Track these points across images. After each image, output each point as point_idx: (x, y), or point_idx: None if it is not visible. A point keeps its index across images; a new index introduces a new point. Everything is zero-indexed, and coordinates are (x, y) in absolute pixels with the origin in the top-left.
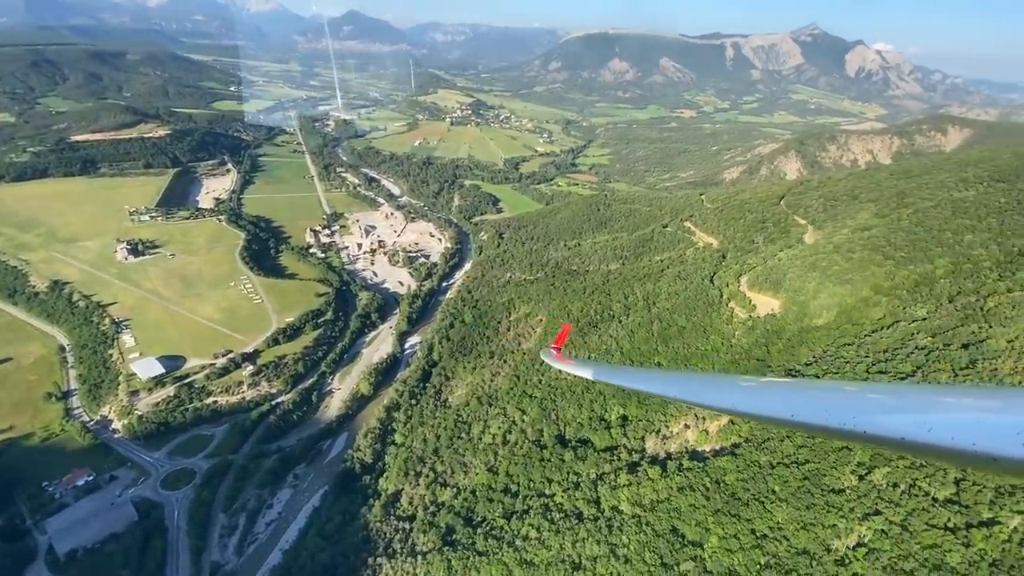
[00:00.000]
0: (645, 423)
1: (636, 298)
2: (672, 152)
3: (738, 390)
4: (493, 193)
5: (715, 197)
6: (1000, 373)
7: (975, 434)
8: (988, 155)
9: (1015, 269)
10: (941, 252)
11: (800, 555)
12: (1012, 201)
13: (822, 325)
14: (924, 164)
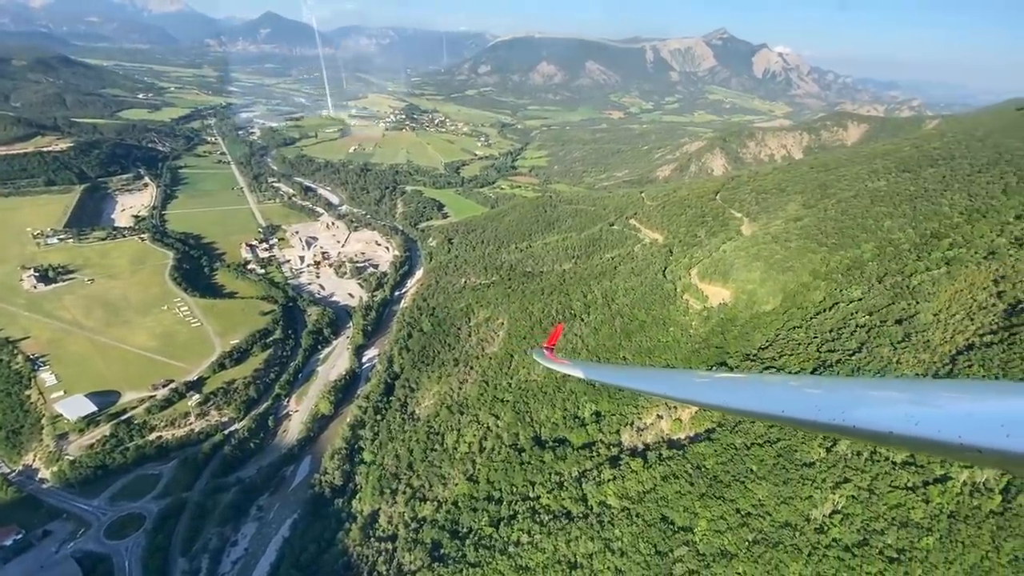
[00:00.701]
0: (619, 417)
1: (595, 296)
2: (606, 152)
3: (728, 387)
4: (437, 198)
5: (655, 195)
6: (933, 343)
7: (961, 427)
8: (892, 148)
9: (930, 250)
10: (866, 237)
11: (783, 528)
12: (920, 189)
13: (770, 311)
14: (839, 158)
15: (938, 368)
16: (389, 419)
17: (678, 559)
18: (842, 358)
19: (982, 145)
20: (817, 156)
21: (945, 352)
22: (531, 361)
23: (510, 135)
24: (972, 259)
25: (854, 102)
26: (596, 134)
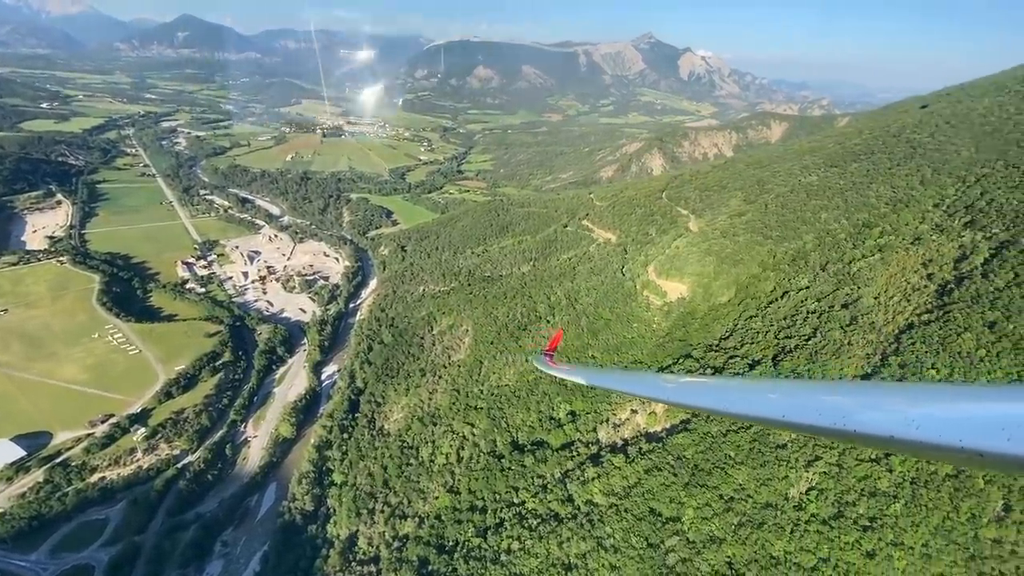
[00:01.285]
0: (594, 415)
1: (558, 297)
2: (550, 154)
3: (728, 392)
4: (384, 205)
5: (603, 195)
6: (877, 324)
7: (961, 430)
8: (818, 145)
9: (864, 239)
10: (806, 229)
11: (765, 508)
12: (848, 183)
13: (726, 302)
14: (771, 155)
15: (885, 347)
16: (357, 437)
17: (670, 549)
18: (799, 343)
19: (897, 140)
20: (751, 154)
21: (889, 332)
22: (529, 366)
23: (453, 139)
24: (901, 245)
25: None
26: (538, 136)
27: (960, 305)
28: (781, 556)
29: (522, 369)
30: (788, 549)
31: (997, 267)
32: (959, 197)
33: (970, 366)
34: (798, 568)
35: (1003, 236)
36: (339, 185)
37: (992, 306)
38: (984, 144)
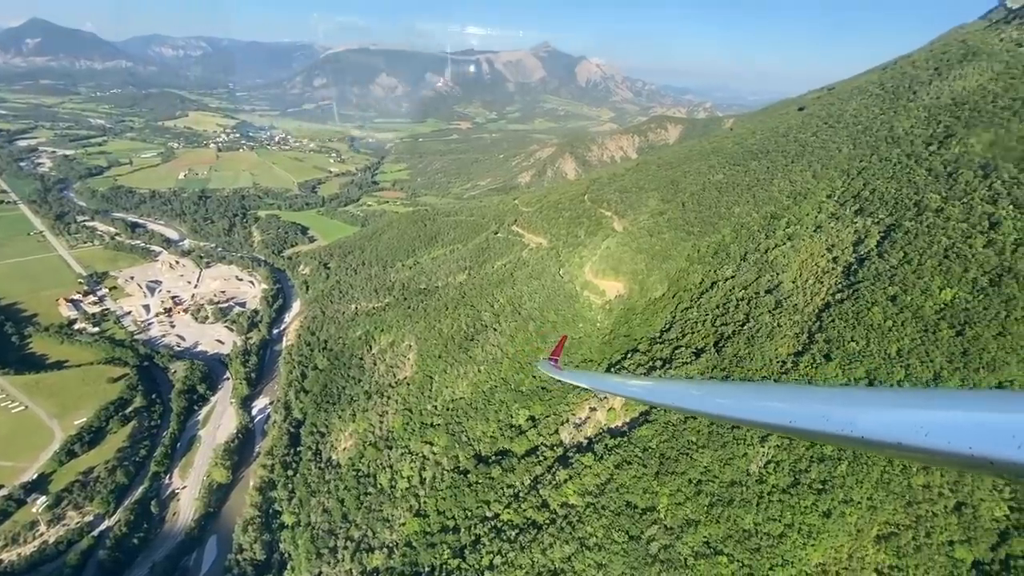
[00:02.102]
0: (554, 417)
1: (502, 304)
2: (466, 162)
3: (732, 397)
4: (298, 221)
5: (528, 201)
6: (800, 306)
7: (971, 437)
8: (719, 146)
9: (774, 229)
10: (723, 223)
11: (732, 486)
12: (752, 179)
13: (661, 297)
14: (679, 156)
15: (810, 326)
16: (304, 472)
17: (651, 539)
18: (735, 329)
19: (787, 140)
20: (660, 156)
21: (811, 312)
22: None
23: (363, 150)
24: (806, 233)
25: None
26: (450, 144)
27: (865, 283)
28: (752, 528)
29: (475, 380)
30: (757, 521)
31: (888, 248)
32: (846, 189)
33: (881, 336)
34: (768, 536)
35: (888, 221)
36: (244, 202)
37: (891, 282)
38: (859, 141)
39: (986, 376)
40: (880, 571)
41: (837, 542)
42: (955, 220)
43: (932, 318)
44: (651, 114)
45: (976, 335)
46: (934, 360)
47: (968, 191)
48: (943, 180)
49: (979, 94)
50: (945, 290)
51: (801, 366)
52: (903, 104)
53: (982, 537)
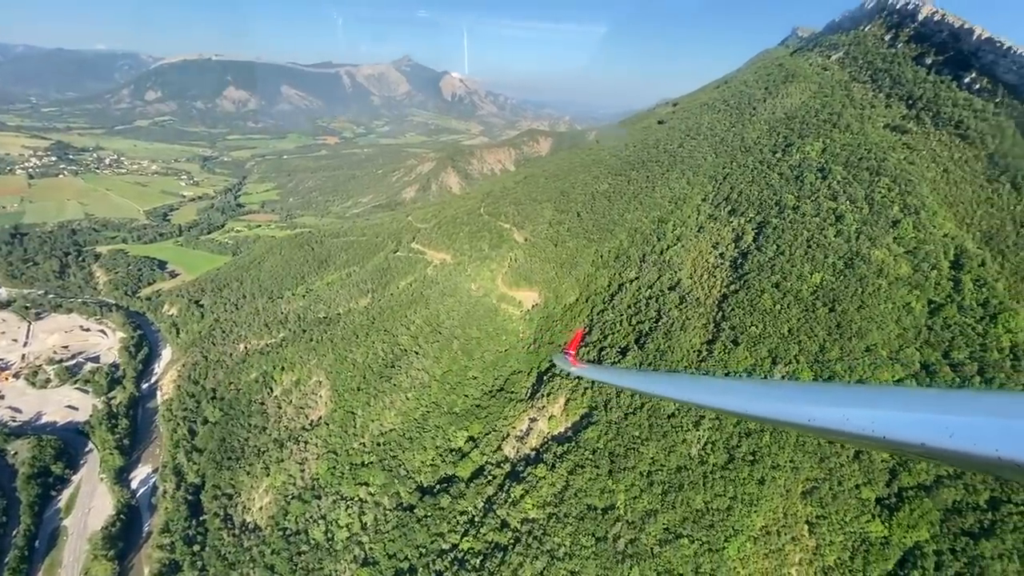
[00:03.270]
0: (494, 434)
1: (419, 325)
2: (341, 179)
3: (756, 395)
4: (152, 255)
5: (422, 217)
6: (701, 299)
7: (998, 440)
8: (596, 157)
9: (664, 232)
10: (619, 229)
11: (679, 472)
12: (636, 188)
13: (575, 301)
14: (563, 168)
15: (714, 316)
16: (215, 544)
17: (617, 536)
18: (651, 326)
19: (658, 151)
20: (544, 168)
21: (712, 304)
22: (410, 404)
23: (219, 170)
24: (691, 234)
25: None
26: (320, 161)
27: (751, 274)
28: (703, 507)
29: (404, 408)
30: (706, 499)
31: (764, 242)
32: (717, 193)
33: (773, 318)
34: (718, 512)
35: (758, 219)
36: (76, 237)
37: (772, 271)
38: (719, 150)
39: (856, 343)
40: (809, 522)
41: (773, 504)
42: (809, 215)
43: (809, 299)
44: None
45: (844, 309)
46: (817, 335)
47: (813, 191)
48: (793, 182)
49: (803, 109)
50: (815, 275)
51: (715, 352)
52: (747, 118)
53: (878, 477)
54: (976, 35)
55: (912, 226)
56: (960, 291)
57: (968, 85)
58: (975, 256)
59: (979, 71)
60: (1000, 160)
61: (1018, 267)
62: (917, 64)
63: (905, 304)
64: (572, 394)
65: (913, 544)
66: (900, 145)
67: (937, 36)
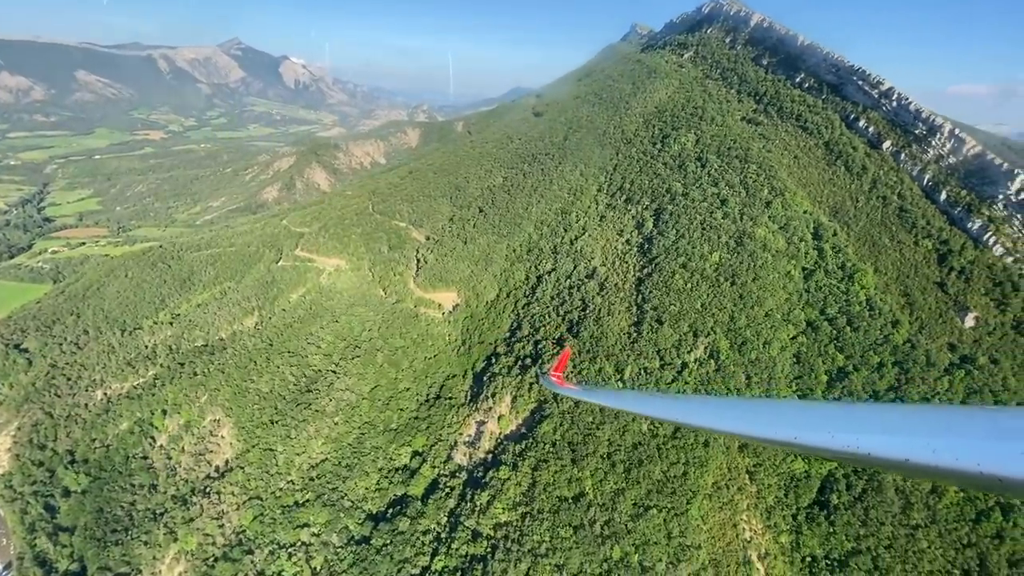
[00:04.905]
0: (441, 444)
1: (331, 341)
2: (182, 181)
3: (739, 412)
4: None
5: (301, 220)
6: (619, 284)
7: (979, 455)
8: (480, 151)
9: (570, 223)
10: (526, 223)
11: (635, 448)
12: (534, 181)
13: (495, 298)
14: (452, 162)
15: (636, 299)
16: None
17: (592, 521)
18: (579, 316)
19: (546, 144)
20: (429, 162)
21: (630, 288)
22: (346, 428)
23: (4, 176)
24: (595, 223)
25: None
26: (146, 161)
27: (660, 257)
28: (663, 477)
29: (334, 434)
30: (664, 469)
31: (664, 227)
32: (610, 183)
33: (687, 295)
34: (676, 479)
35: (654, 206)
36: None
37: (677, 253)
38: (604, 143)
39: (757, 310)
40: (749, 471)
41: (719, 462)
42: (698, 200)
43: (713, 276)
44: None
45: (743, 282)
46: (726, 306)
47: (697, 178)
48: (677, 171)
49: (671, 103)
50: (713, 253)
51: (644, 333)
52: (623, 111)
53: None
54: (799, 41)
55: (781, 205)
56: (824, 258)
57: (799, 84)
58: (829, 228)
59: (806, 72)
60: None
61: (860, 235)
62: (756, 64)
63: (787, 272)
64: (518, 391)
65: (827, 473)
66: (757, 136)
67: (768, 40)
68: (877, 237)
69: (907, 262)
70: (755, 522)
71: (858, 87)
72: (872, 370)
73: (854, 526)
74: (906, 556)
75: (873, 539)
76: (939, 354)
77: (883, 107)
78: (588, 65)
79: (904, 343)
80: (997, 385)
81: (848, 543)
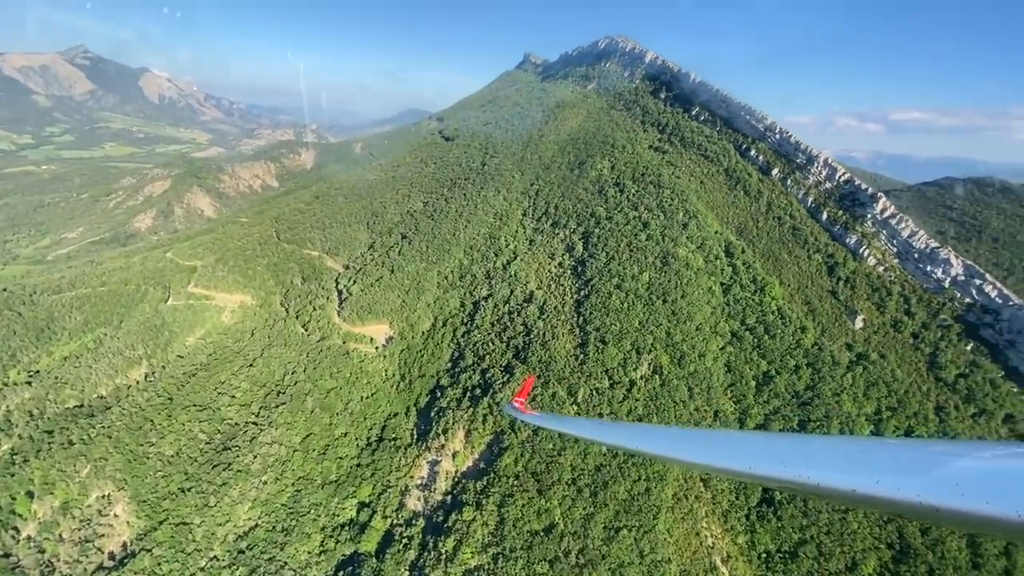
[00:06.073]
0: (392, 490)
1: (247, 389)
2: (22, 209)
3: (703, 444)
4: None
5: (187, 252)
6: (559, 307)
7: (918, 486)
8: (394, 174)
9: (499, 247)
10: (456, 248)
11: (598, 471)
12: (458, 206)
13: (430, 327)
14: (364, 186)
15: (576, 320)
16: None
17: (567, 551)
18: (524, 342)
19: (464, 169)
20: (338, 186)
21: (569, 310)
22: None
23: None
24: (525, 246)
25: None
26: None
27: (595, 279)
28: (627, 496)
29: (263, 496)
30: (628, 488)
31: (594, 250)
32: (534, 207)
33: (624, 315)
34: (640, 495)
35: (581, 230)
36: None
37: (610, 274)
38: (523, 168)
39: (688, 324)
40: (703, 479)
41: (675, 474)
42: (622, 224)
43: (646, 295)
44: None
45: (674, 299)
46: (662, 324)
47: (618, 203)
48: (598, 195)
49: (582, 131)
50: (643, 273)
51: (591, 354)
52: (537, 138)
53: (734, 426)
54: (692, 78)
55: (696, 227)
56: (737, 273)
57: (696, 116)
58: (738, 246)
59: (700, 106)
60: (732, 174)
61: (763, 251)
62: (655, 98)
63: (709, 288)
64: (471, 424)
65: None
66: (665, 163)
67: (663, 76)
68: (778, 253)
69: (804, 274)
70: (715, 527)
71: (746, 121)
72: (791, 372)
73: (797, 518)
74: (842, 539)
75: (815, 528)
76: (840, 354)
77: (769, 138)
78: (489, 91)
79: (812, 346)
80: (888, 377)
81: (795, 534)
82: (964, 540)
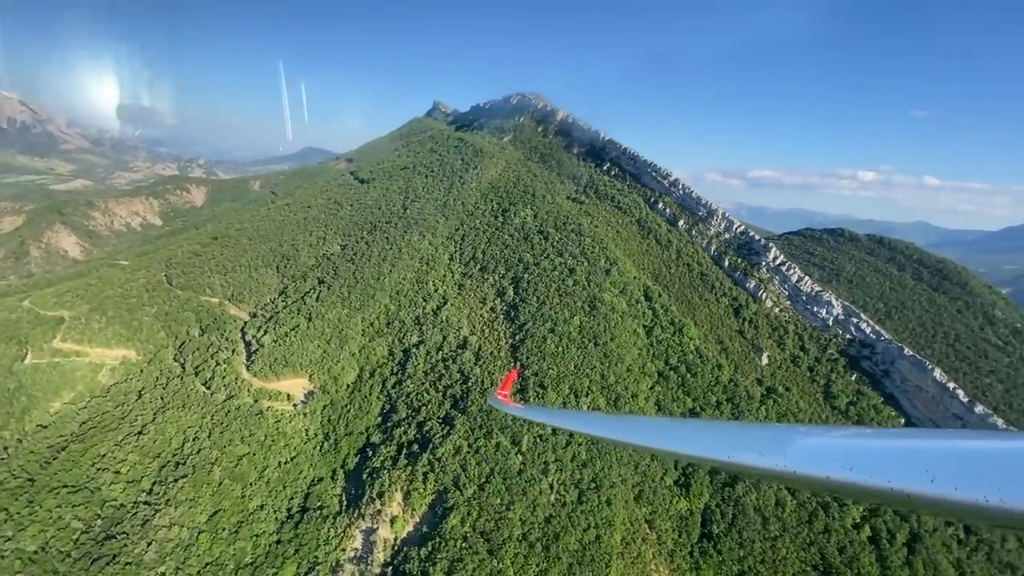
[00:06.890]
0: (319, 569)
1: (138, 465)
2: None
3: (678, 432)
4: None
5: (51, 301)
6: (495, 352)
7: (890, 472)
8: (306, 215)
9: (429, 292)
10: (380, 293)
11: (548, 522)
12: (380, 250)
13: (357, 379)
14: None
15: (513, 365)
16: None
17: None
18: (463, 390)
19: (384, 213)
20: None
21: (506, 355)
22: None
23: None
24: (454, 291)
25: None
26: None
27: (529, 324)
28: (580, 546)
29: None
30: (579, 537)
31: (525, 294)
32: (461, 252)
33: (560, 358)
34: (592, 543)
35: (510, 275)
36: None
37: (543, 319)
38: (447, 213)
39: (620, 366)
40: (647, 520)
41: (621, 517)
42: (549, 269)
43: (578, 338)
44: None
45: (604, 342)
46: (595, 366)
47: (543, 249)
48: (523, 242)
49: (503, 180)
50: (574, 318)
51: (531, 399)
52: (459, 184)
53: (671, 466)
54: (601, 136)
55: (617, 272)
56: (657, 316)
57: (607, 171)
58: (655, 290)
59: (611, 162)
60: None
61: (678, 295)
62: (568, 152)
63: (634, 331)
64: (410, 484)
65: (703, 506)
66: (583, 213)
67: (574, 133)
68: (690, 296)
69: (715, 316)
70: (663, 569)
71: (652, 176)
72: (713, 408)
73: (735, 550)
74: (775, 565)
75: (751, 558)
76: (753, 388)
77: (673, 193)
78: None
79: (729, 382)
80: (794, 407)
81: (735, 566)
82: (874, 555)
